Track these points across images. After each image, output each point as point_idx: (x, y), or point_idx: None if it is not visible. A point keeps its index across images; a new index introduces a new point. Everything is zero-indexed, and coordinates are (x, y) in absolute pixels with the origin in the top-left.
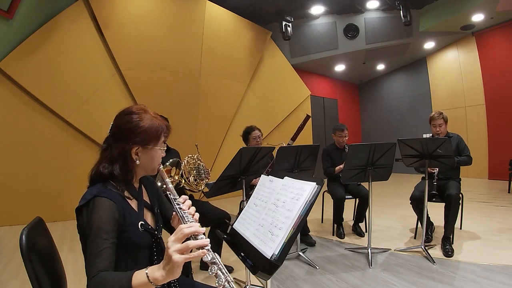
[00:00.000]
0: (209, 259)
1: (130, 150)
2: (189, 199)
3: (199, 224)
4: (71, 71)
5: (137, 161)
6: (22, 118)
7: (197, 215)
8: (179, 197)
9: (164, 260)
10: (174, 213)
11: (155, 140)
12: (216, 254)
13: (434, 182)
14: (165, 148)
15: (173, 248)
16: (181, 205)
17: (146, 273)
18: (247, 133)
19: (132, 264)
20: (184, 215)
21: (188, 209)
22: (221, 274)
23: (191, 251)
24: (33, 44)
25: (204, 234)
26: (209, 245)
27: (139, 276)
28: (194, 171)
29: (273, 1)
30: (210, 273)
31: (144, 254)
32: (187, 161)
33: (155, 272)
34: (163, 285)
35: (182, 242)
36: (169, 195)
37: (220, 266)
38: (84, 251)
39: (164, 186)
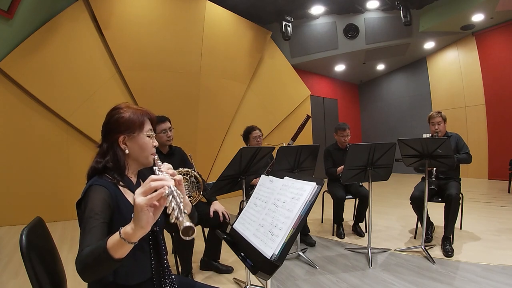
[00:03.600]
0: (167, 192)
1: (117, 140)
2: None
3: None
4: (71, 71)
5: (126, 150)
6: (22, 118)
7: (179, 177)
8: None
9: (134, 212)
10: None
11: (140, 127)
12: (178, 191)
13: (433, 178)
14: (154, 135)
15: (138, 190)
16: (161, 168)
17: (119, 231)
18: (247, 133)
19: (129, 257)
20: (159, 173)
21: (168, 170)
22: (174, 203)
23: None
24: (33, 44)
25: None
26: (172, 184)
27: (113, 237)
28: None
29: (273, 1)
30: (167, 204)
31: (141, 247)
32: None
33: (126, 227)
34: (161, 285)
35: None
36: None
37: (176, 195)
38: None
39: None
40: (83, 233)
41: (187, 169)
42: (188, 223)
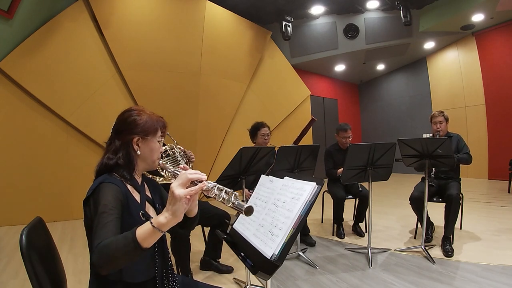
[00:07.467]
0: (210, 186)
1: (131, 140)
2: None
3: None
4: (71, 71)
5: (138, 151)
6: (22, 118)
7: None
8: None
9: (168, 202)
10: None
11: (153, 132)
12: (216, 183)
13: (432, 174)
14: (162, 142)
15: (175, 183)
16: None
17: (150, 221)
18: (256, 129)
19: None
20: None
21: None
22: (223, 192)
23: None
24: (33, 44)
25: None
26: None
27: (143, 227)
28: (168, 164)
29: (273, 1)
30: (212, 195)
31: None
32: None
33: (159, 217)
34: (163, 283)
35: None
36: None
37: (220, 187)
38: (90, 244)
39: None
40: (98, 228)
41: (170, 144)
42: (247, 204)
